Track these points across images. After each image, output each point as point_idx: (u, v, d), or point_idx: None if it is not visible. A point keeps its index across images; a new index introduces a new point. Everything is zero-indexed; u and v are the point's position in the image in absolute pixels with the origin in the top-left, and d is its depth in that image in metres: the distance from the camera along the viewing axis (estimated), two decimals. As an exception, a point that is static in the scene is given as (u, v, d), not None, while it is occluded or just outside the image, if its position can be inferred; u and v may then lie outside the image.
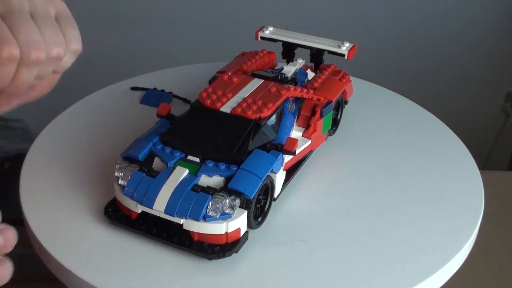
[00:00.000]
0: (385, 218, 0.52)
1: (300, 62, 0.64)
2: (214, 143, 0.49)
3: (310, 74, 0.63)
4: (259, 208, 0.49)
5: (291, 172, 0.54)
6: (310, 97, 0.57)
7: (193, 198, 0.45)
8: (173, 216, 0.45)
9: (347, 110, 0.66)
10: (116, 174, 0.48)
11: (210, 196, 0.45)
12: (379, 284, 0.45)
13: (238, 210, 0.45)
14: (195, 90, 0.57)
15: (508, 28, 1.57)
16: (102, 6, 1.43)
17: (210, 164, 0.48)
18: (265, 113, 0.51)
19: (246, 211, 0.46)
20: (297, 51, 0.66)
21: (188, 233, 0.45)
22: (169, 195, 0.45)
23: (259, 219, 0.49)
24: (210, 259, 0.45)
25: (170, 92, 0.66)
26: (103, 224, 0.50)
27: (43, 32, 0.36)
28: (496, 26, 1.57)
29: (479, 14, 1.54)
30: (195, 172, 0.47)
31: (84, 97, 0.70)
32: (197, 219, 0.44)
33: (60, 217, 0.51)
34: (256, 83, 0.55)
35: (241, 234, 0.46)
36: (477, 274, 1.15)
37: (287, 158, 0.52)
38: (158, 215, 0.45)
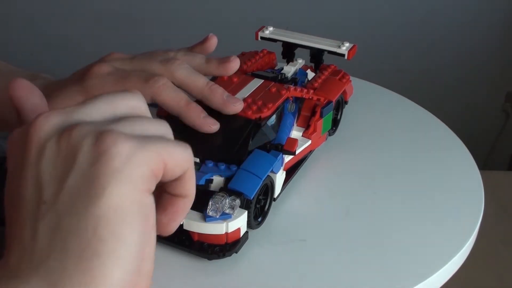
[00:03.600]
0: (385, 218, 0.52)
1: (300, 62, 0.64)
2: (214, 143, 0.49)
3: (310, 74, 0.63)
4: (259, 208, 0.49)
5: (291, 172, 0.54)
6: (310, 97, 0.57)
7: (193, 198, 0.45)
8: (173, 216, 0.44)
9: (347, 110, 0.66)
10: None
11: (210, 197, 0.45)
12: (379, 284, 0.45)
13: (238, 210, 0.45)
14: (195, 90, 0.57)
15: (508, 28, 1.57)
16: (103, 6, 1.43)
17: (210, 164, 0.48)
18: (265, 113, 0.51)
19: (246, 211, 0.46)
20: (297, 51, 0.65)
21: (188, 233, 0.45)
22: (169, 195, 0.45)
23: (259, 219, 0.49)
24: (210, 259, 0.45)
25: (170, 92, 0.66)
26: (103, 224, 0.49)
27: None
28: (496, 26, 1.57)
29: (479, 14, 1.54)
30: None
31: (84, 97, 0.70)
32: (197, 219, 0.44)
33: (60, 217, 0.51)
34: (256, 83, 0.55)
35: (241, 234, 0.46)
36: (477, 274, 1.15)
37: (287, 158, 0.52)
38: (158, 215, 0.45)
